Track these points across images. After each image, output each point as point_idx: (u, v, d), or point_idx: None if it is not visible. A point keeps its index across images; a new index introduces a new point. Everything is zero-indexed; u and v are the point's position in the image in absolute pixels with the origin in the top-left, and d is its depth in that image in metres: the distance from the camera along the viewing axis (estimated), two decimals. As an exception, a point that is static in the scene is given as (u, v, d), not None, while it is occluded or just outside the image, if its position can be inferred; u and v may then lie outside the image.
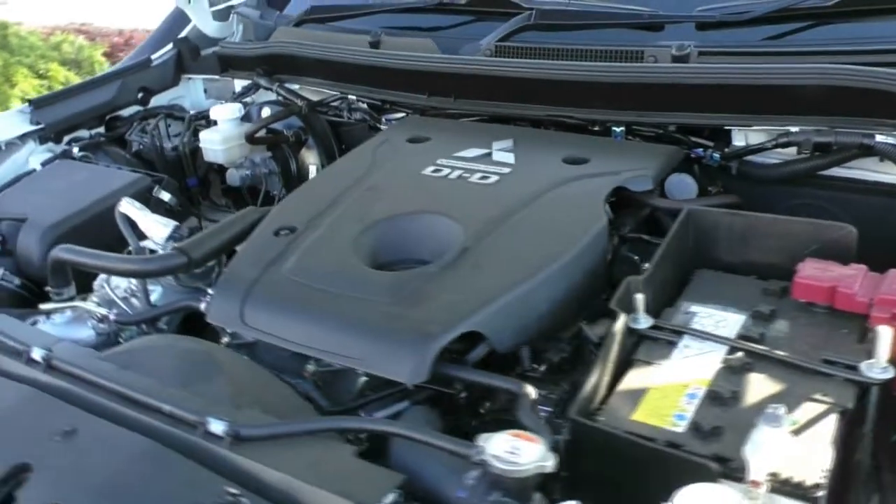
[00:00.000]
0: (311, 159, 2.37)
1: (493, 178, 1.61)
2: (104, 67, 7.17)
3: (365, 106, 2.25)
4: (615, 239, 1.54)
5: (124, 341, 1.58)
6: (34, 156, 2.24)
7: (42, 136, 2.29)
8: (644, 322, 1.28)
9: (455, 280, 1.31)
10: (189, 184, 2.42)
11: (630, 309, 1.27)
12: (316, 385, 1.39)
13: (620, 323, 1.24)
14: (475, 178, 1.62)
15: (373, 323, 1.24)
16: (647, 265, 1.59)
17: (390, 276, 1.34)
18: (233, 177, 2.31)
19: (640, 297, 1.27)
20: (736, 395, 1.12)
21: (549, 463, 0.95)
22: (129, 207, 1.64)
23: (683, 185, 1.82)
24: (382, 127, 2.19)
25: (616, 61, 1.87)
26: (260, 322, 1.33)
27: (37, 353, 1.26)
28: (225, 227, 1.57)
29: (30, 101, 2.31)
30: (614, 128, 1.86)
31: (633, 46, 1.87)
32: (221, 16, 2.70)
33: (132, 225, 1.65)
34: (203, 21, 2.67)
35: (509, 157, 1.70)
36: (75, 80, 6.91)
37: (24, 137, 2.25)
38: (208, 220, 2.42)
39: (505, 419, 1.31)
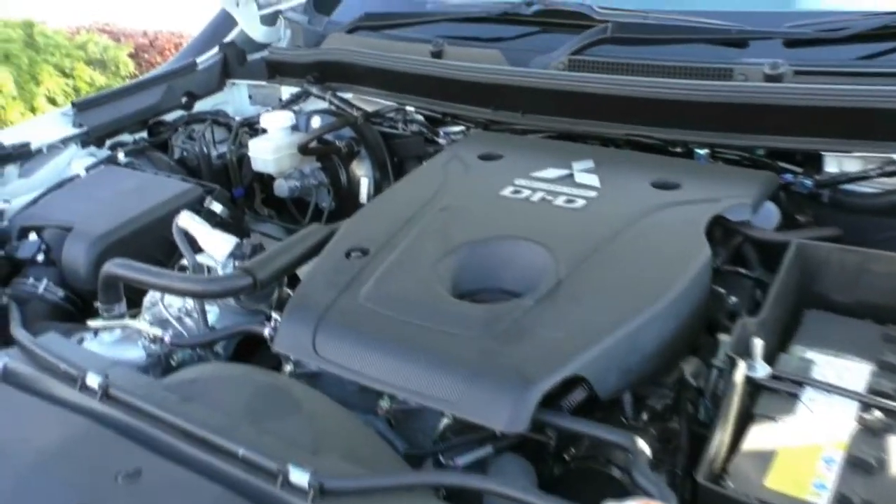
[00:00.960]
0: (361, 171, 2.26)
1: (580, 202, 1.49)
2: (129, 69, 7.12)
3: (422, 118, 2.15)
4: (711, 270, 1.42)
5: (176, 364, 1.47)
6: (76, 160, 2.14)
7: (84, 141, 2.19)
8: (762, 371, 1.15)
9: (553, 315, 1.18)
10: (235, 194, 2.32)
11: (744, 355, 1.15)
12: (389, 423, 1.27)
13: (741, 372, 1.11)
14: (560, 201, 1.50)
15: (465, 362, 1.12)
16: (732, 298, 1.48)
17: (483, 310, 1.22)
18: (281, 188, 2.20)
19: (758, 343, 1.15)
20: (882, 462, 0.99)
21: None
22: (188, 221, 1.53)
23: (766, 213, 1.69)
24: (440, 140, 2.08)
25: (699, 79, 1.76)
26: (334, 353, 1.21)
27: (92, 380, 1.15)
28: (291, 246, 1.46)
29: (73, 104, 2.22)
30: (697, 150, 1.74)
31: (718, 63, 1.75)
32: (269, 20, 2.61)
33: (190, 240, 1.54)
34: (250, 25, 2.57)
35: (593, 180, 1.58)
36: (100, 80, 6.87)
37: (66, 141, 2.16)
38: (254, 232, 2.32)
39: (593, 468, 1.20)
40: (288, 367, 1.36)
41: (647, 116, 1.78)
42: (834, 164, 1.68)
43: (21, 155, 2.06)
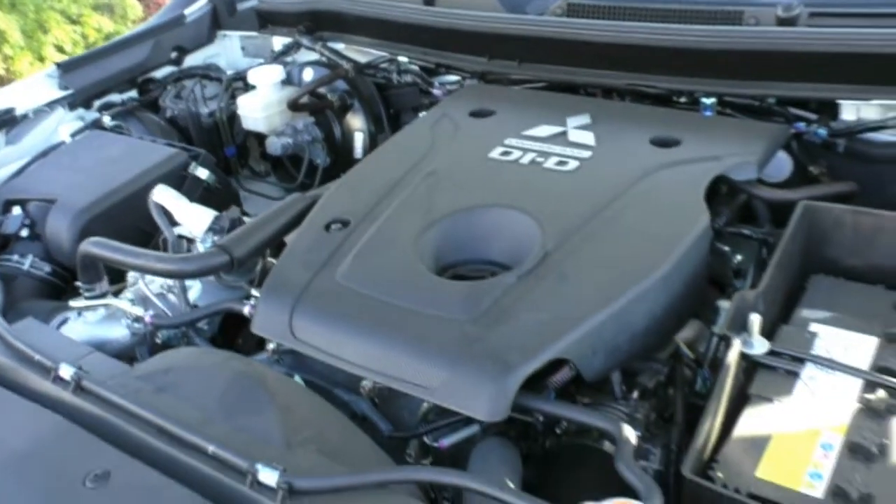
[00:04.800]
0: (356, 125, 2.18)
1: (572, 164, 1.40)
2: (137, 13, 6.96)
3: (416, 68, 2.05)
4: (711, 236, 1.34)
5: (161, 341, 1.45)
6: (64, 124, 2.08)
7: (71, 103, 2.13)
8: (759, 347, 1.09)
9: (537, 293, 1.12)
10: (227, 153, 2.26)
11: (741, 329, 1.09)
12: (373, 403, 1.24)
13: (735, 351, 1.05)
14: (550, 163, 1.42)
15: (445, 348, 1.07)
16: (738, 257, 1.41)
17: (463, 288, 1.16)
18: (274, 145, 2.13)
19: (755, 318, 1.08)
20: (883, 448, 0.93)
21: (670, 548, 0.78)
22: (163, 195, 1.47)
23: (777, 163, 1.59)
24: (435, 91, 1.99)
25: (706, 23, 1.64)
26: (312, 336, 1.17)
27: (65, 371, 1.12)
28: (269, 219, 1.40)
29: (57, 65, 2.15)
30: (703, 99, 1.63)
31: (726, 6, 1.63)
32: (258, -35, 2.48)
33: (167, 214, 1.49)
34: (239, -29, 2.45)
35: (588, 138, 1.49)
36: (108, 26, 6.73)
37: (52, 104, 2.09)
38: (246, 191, 2.27)
39: (585, 444, 1.16)
40: (271, 346, 1.32)
41: (650, 65, 1.67)
42: (851, 112, 1.57)
43: (6, 121, 2.00)
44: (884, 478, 0.90)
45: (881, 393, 1.00)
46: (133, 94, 2.30)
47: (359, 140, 2.16)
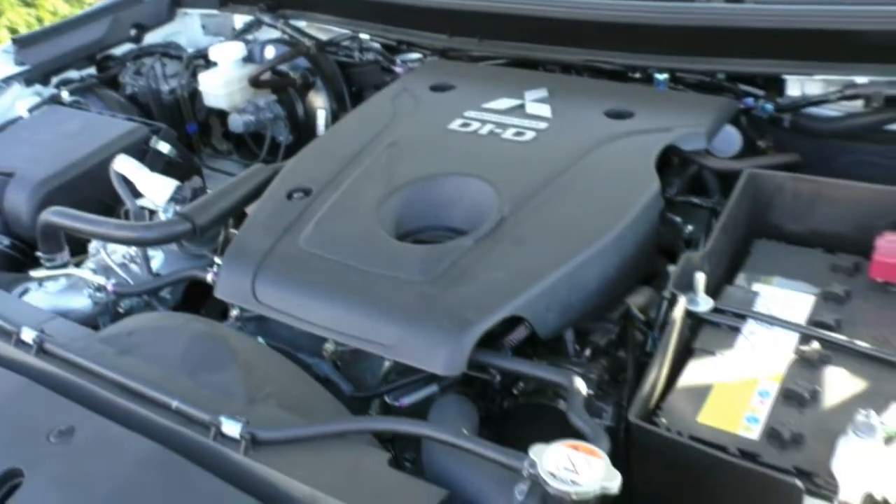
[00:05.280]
0: (319, 103, 2.19)
1: (529, 135, 1.44)
2: (96, -6, 6.83)
3: (378, 46, 2.07)
4: (661, 202, 1.39)
5: (124, 311, 1.45)
6: (21, 100, 2.05)
7: (28, 79, 2.10)
8: (704, 304, 1.14)
9: (493, 255, 1.16)
10: (189, 130, 2.25)
11: (687, 288, 1.14)
12: (335, 365, 1.27)
13: (680, 308, 1.10)
14: (508, 133, 1.45)
15: (403, 306, 1.10)
16: (689, 227, 1.47)
17: (422, 251, 1.20)
18: (235, 122, 2.13)
19: (700, 277, 1.13)
20: (815, 394, 1.00)
21: (615, 483, 0.83)
22: (125, 165, 1.48)
23: (728, 138, 1.65)
24: (396, 68, 2.01)
25: (658, 0, 1.69)
26: (274, 299, 1.19)
27: (27, 335, 1.13)
28: (232, 189, 1.42)
29: (13, 40, 2.12)
30: (657, 75, 1.68)
31: (679, -17, 1.68)
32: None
33: (129, 184, 1.49)
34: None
35: (545, 110, 1.53)
36: (64, 9, 6.59)
37: (8, 80, 2.07)
38: (209, 169, 2.27)
39: (541, 403, 1.20)
40: (234, 311, 1.34)
41: (605, 41, 1.72)
42: (796, 88, 1.64)
43: (-39, 98, 1.98)
44: (814, 420, 0.96)
45: (815, 345, 1.06)
46: (92, 70, 2.28)
47: (321, 118, 2.17)
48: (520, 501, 0.89)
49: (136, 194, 1.51)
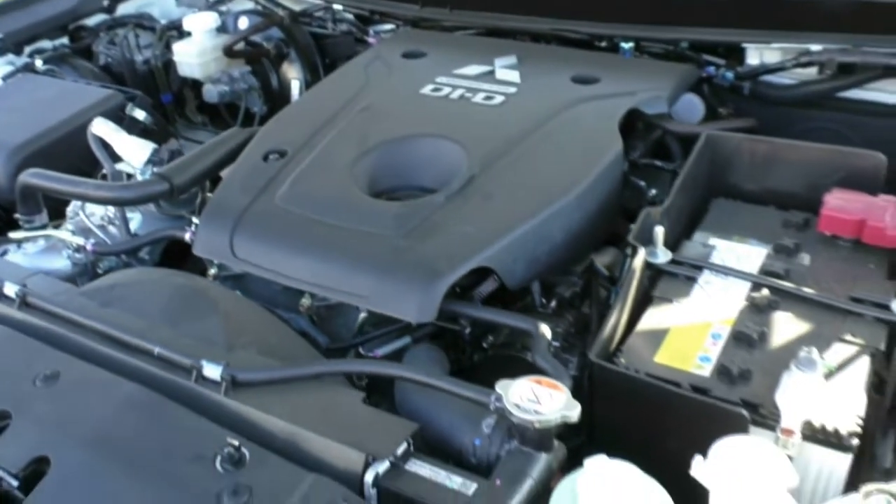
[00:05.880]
0: (292, 74, 2.21)
1: (498, 99, 1.49)
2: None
3: (351, 17, 2.10)
4: (625, 165, 1.45)
5: (102, 272, 1.48)
6: (-7, 69, 2.06)
7: (1, 48, 2.10)
8: (663, 256, 1.21)
9: (464, 210, 1.21)
10: (163, 100, 2.26)
11: (647, 242, 1.20)
12: (312, 320, 1.31)
13: (640, 258, 1.17)
14: (479, 98, 1.50)
15: (377, 258, 1.15)
16: (653, 191, 1.53)
17: (395, 207, 1.25)
18: (210, 93, 2.15)
19: (659, 231, 1.19)
20: (763, 335, 1.06)
21: (575, 412, 0.88)
22: (102, 128, 1.50)
23: (691, 106, 1.71)
24: (370, 39, 2.05)
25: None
26: (252, 255, 1.23)
27: (9, 289, 1.16)
28: (209, 150, 1.45)
29: (-16, 8, 2.12)
30: (623, 44, 1.74)
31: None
32: None
33: (106, 147, 1.52)
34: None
35: (514, 76, 1.58)
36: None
37: (-21, 49, 2.07)
38: (184, 139, 2.28)
39: (510, 354, 1.26)
40: (212, 271, 1.38)
41: (573, 11, 1.77)
42: (755, 57, 1.70)
43: (-67, 66, 1.98)
44: (761, 359, 1.03)
45: (765, 291, 1.13)
46: (64, 41, 2.28)
47: (295, 88, 2.20)
48: (487, 433, 0.95)
49: (114, 157, 1.53)
